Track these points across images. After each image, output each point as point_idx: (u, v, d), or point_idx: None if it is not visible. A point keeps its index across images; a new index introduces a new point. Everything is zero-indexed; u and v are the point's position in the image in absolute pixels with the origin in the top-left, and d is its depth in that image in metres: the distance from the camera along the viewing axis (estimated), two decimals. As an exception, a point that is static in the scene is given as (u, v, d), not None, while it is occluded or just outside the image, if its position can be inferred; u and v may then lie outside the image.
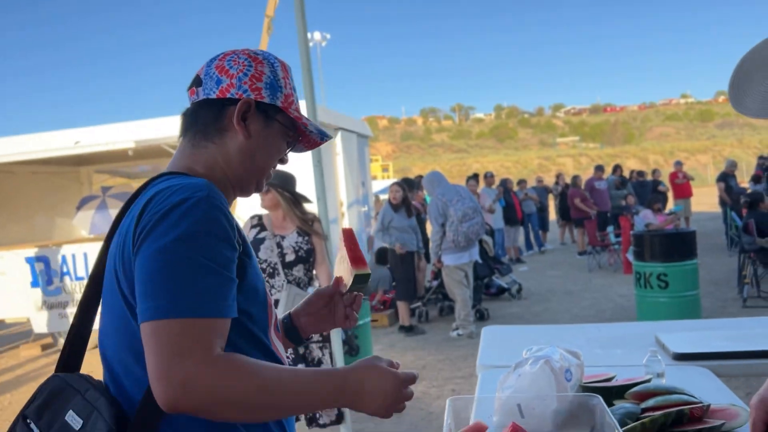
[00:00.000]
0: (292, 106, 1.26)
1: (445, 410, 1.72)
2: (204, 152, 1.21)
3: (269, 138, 1.24)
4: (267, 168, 1.27)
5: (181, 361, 0.94)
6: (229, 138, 1.21)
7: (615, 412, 1.74)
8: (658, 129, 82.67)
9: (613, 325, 3.31)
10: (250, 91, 1.20)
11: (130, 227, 1.06)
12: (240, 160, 1.22)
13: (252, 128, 1.21)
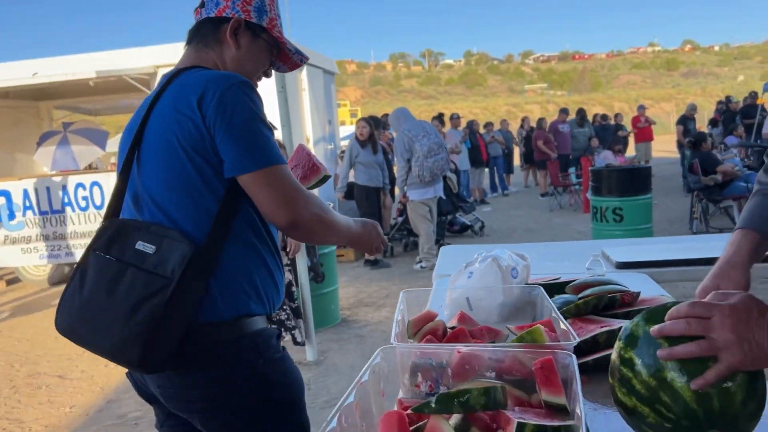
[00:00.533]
0: (276, 28, 1.54)
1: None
2: (205, 56, 1.52)
3: (255, 51, 1.54)
4: (253, 75, 1.56)
5: (294, 192, 1.38)
6: (224, 48, 1.52)
7: (555, 302, 1.89)
8: (625, 77, 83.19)
9: (564, 243, 3.49)
10: (242, 12, 1.49)
11: (193, 105, 1.36)
12: (232, 67, 1.52)
13: (242, 41, 1.51)
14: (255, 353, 1.44)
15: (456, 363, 1.38)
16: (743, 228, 1.23)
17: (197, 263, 1.34)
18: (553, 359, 1.28)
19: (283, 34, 1.56)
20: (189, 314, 1.35)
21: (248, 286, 1.44)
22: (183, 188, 1.38)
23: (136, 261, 1.34)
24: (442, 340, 1.67)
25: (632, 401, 0.98)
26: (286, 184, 1.38)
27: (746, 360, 0.85)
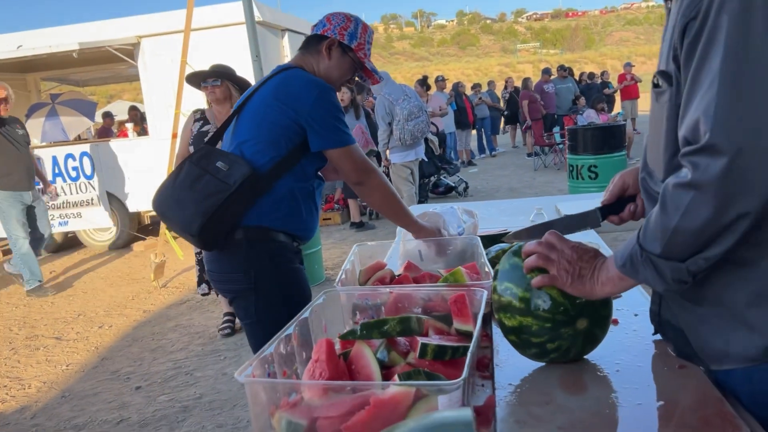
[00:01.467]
0: (362, 51, 2.11)
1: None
2: (307, 61, 2.10)
3: (342, 65, 2.10)
4: (337, 82, 2.12)
5: (365, 162, 2.06)
6: (320, 58, 2.09)
7: (491, 251, 2.10)
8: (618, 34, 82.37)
9: (523, 200, 3.68)
10: (338, 34, 2.07)
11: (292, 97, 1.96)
12: (323, 73, 2.08)
13: (333, 56, 2.08)
14: (272, 257, 2.01)
15: (390, 302, 1.59)
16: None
17: (253, 183, 1.93)
18: (466, 295, 1.48)
19: (367, 56, 2.12)
20: (237, 215, 1.95)
21: (286, 211, 2.01)
22: (265, 141, 1.99)
23: (213, 171, 1.96)
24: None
25: (516, 319, 1.22)
26: (357, 156, 2.02)
27: (567, 286, 1.14)
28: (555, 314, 1.17)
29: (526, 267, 1.20)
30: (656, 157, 1.10)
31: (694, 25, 0.92)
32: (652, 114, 1.13)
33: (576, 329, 1.18)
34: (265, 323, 2.01)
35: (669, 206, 0.95)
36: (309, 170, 2.07)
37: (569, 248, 1.16)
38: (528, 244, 1.23)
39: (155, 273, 5.74)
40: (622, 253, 1.07)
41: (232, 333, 4.24)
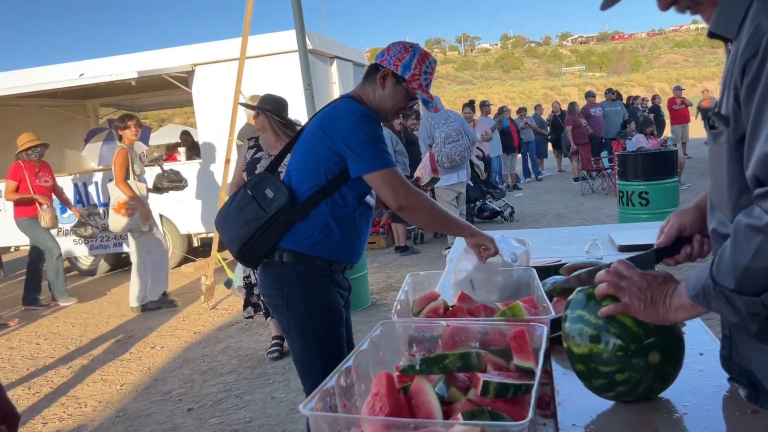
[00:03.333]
0: (416, 81, 2.14)
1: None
2: (365, 90, 2.18)
3: (395, 94, 2.15)
4: (390, 111, 2.18)
5: (403, 187, 2.06)
6: (376, 87, 2.16)
7: (547, 283, 2.07)
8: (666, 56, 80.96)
9: (575, 228, 3.63)
10: (392, 65, 2.13)
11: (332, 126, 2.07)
12: (377, 102, 2.16)
13: (387, 85, 2.15)
14: (301, 278, 2.12)
15: (446, 335, 1.59)
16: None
17: (289, 210, 2.08)
18: (526, 330, 1.48)
19: (423, 87, 2.16)
20: (274, 238, 2.11)
21: (320, 236, 2.10)
22: (307, 170, 2.10)
23: (259, 198, 2.12)
24: (443, 317, 1.88)
25: (586, 347, 1.21)
26: (394, 180, 2.05)
27: (640, 313, 1.14)
28: (628, 343, 1.15)
29: (597, 294, 1.21)
30: (721, 199, 1.09)
31: (754, 63, 0.92)
32: (711, 156, 1.12)
33: (648, 362, 1.16)
34: (296, 338, 2.18)
35: (741, 245, 0.94)
36: (349, 197, 2.12)
37: (638, 275, 1.17)
38: (598, 274, 1.23)
39: (206, 294, 5.86)
40: (694, 282, 1.06)
41: (281, 356, 4.28)
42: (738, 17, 1.00)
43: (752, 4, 0.98)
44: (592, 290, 1.25)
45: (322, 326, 2.16)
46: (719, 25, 1.05)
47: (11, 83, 7.82)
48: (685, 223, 1.32)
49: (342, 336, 2.19)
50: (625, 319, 1.16)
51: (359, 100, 2.18)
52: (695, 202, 1.35)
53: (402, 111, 2.24)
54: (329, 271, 2.16)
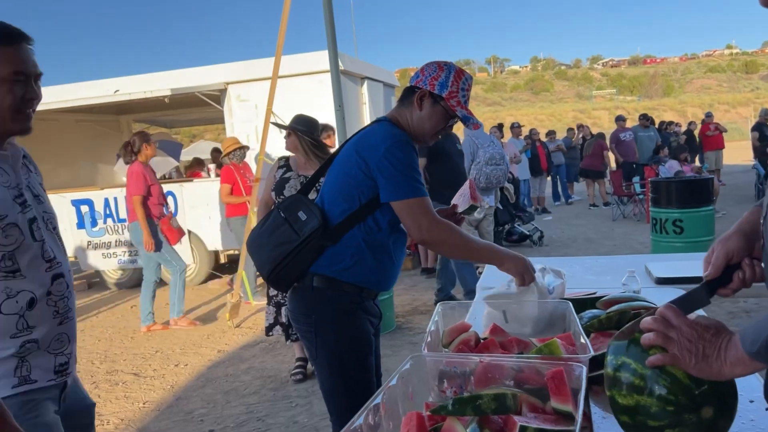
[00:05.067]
0: (454, 98, 2.08)
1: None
2: (402, 113, 2.14)
3: (433, 114, 2.10)
4: (430, 132, 2.12)
5: (428, 219, 1.99)
6: (413, 109, 2.11)
7: (584, 317, 1.99)
8: (699, 81, 79.96)
9: (610, 258, 3.53)
10: (428, 85, 2.08)
11: (366, 150, 2.02)
12: (415, 124, 2.12)
13: (424, 106, 2.09)
14: (330, 304, 2.07)
15: (479, 372, 1.52)
16: (755, 205, 1.33)
17: (321, 235, 2.03)
18: (564, 370, 1.40)
19: (461, 103, 2.09)
20: (306, 262, 2.06)
21: (352, 262, 2.05)
22: (341, 193, 2.06)
23: (292, 221, 2.07)
24: (474, 350, 1.81)
25: (633, 399, 1.14)
26: (420, 211, 1.99)
27: (690, 364, 1.05)
28: (678, 396, 1.07)
29: (643, 344, 1.13)
30: None
31: None
32: None
33: (700, 417, 1.07)
34: (323, 365, 2.11)
35: None
36: (383, 223, 2.07)
37: (688, 325, 1.09)
38: (645, 320, 1.15)
39: (231, 312, 5.84)
40: (753, 336, 0.98)
41: (304, 379, 4.23)
42: None
43: None
44: (639, 335, 1.17)
45: (351, 355, 2.09)
46: None
47: (50, 98, 7.98)
48: (731, 250, 1.24)
49: (371, 365, 2.13)
50: (676, 370, 1.08)
51: (396, 124, 2.13)
52: (736, 227, 1.29)
53: (441, 132, 2.18)
54: (359, 297, 2.10)
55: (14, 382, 1.59)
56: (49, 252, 1.68)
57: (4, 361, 1.58)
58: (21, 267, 1.59)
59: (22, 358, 1.60)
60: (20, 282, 1.59)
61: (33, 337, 1.61)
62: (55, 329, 1.67)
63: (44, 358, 1.64)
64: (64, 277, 1.72)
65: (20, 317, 1.59)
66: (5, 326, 1.57)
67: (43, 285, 1.64)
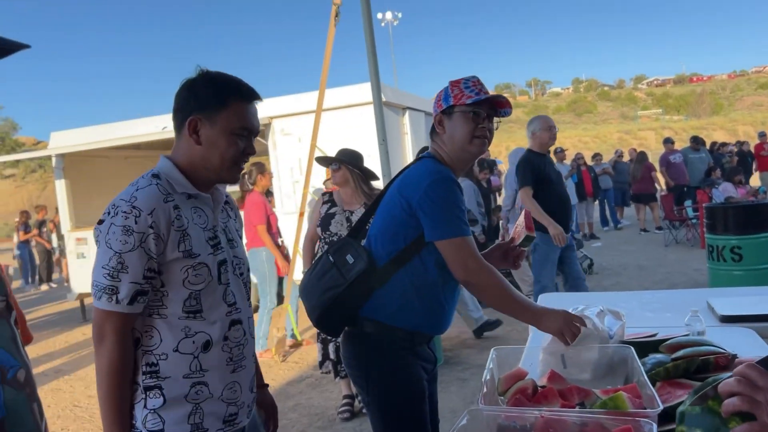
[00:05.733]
0: (462, 98, 2.01)
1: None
2: (436, 144, 2.11)
3: (456, 125, 2.04)
4: (465, 142, 2.03)
5: (473, 260, 1.94)
6: (442, 135, 2.09)
7: (647, 362, 1.89)
8: (750, 98, 77.79)
9: (668, 292, 3.38)
10: (437, 108, 2.08)
11: (409, 191, 1.99)
12: (450, 146, 2.07)
13: (445, 125, 2.06)
14: (380, 350, 2.01)
15: (540, 427, 1.44)
16: None
17: (368, 278, 1.99)
18: (633, 427, 1.31)
19: (470, 96, 2.00)
20: (355, 307, 2.01)
21: (400, 305, 1.99)
22: (386, 234, 2.03)
23: (340, 264, 2.03)
24: (532, 399, 1.73)
25: None
26: (464, 251, 1.94)
27: None
28: None
29: (725, 411, 1.02)
30: None
31: None
32: None
33: None
34: (375, 413, 2.06)
35: None
36: (429, 263, 2.00)
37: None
38: (725, 383, 1.03)
39: (276, 347, 5.83)
40: None
41: (352, 417, 4.16)
42: None
43: None
44: (713, 404, 1.07)
45: (404, 405, 2.02)
46: None
47: (100, 136, 8.24)
48: None
49: (424, 414, 2.05)
50: None
51: (438, 157, 2.09)
52: None
53: (478, 135, 2.05)
54: (411, 343, 2.03)
55: (187, 429, 1.58)
56: (231, 296, 1.68)
57: (178, 405, 1.57)
58: (203, 308, 1.60)
59: (197, 404, 1.59)
60: (200, 323, 1.60)
61: (204, 380, 1.60)
62: (227, 377, 1.65)
63: (217, 405, 1.63)
64: (242, 324, 1.71)
65: (194, 358, 1.59)
66: (179, 365, 1.57)
67: (221, 329, 1.63)
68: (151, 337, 1.57)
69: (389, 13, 38.21)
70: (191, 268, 1.58)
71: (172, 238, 1.56)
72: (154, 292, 1.56)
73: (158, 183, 1.60)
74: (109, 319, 1.52)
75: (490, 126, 2.07)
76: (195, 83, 1.66)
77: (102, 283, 1.52)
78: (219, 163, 1.63)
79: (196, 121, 1.62)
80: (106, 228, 1.53)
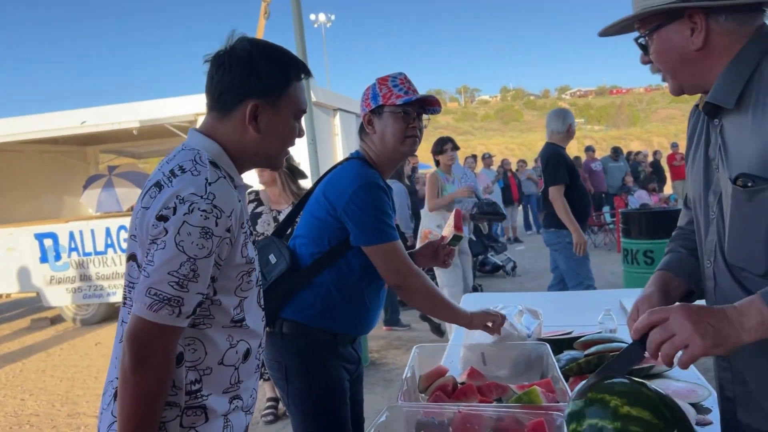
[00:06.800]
0: (391, 97, 2.00)
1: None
2: (367, 144, 2.08)
3: (386, 124, 2.02)
4: (397, 142, 2.02)
5: (403, 265, 1.95)
6: (370, 135, 2.06)
7: (561, 359, 1.96)
8: (664, 111, 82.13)
9: (584, 293, 3.52)
10: (366, 107, 2.06)
11: (333, 195, 1.96)
12: (380, 145, 2.04)
13: (375, 125, 2.04)
14: (302, 352, 1.98)
15: (458, 422, 1.46)
16: (658, 270, 1.45)
17: (289, 278, 1.97)
18: (545, 420, 1.35)
19: (399, 95, 1.99)
20: (276, 308, 1.97)
21: (323, 306, 1.97)
22: (311, 236, 2.01)
23: (262, 264, 1.98)
24: (452, 396, 1.75)
25: None
26: (393, 257, 1.95)
27: (708, 343, 1.04)
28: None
29: (650, 349, 1.11)
30: (750, 255, 1.14)
31: None
32: (739, 215, 1.14)
33: None
34: (296, 414, 2.04)
35: None
36: (355, 266, 1.98)
37: (681, 311, 1.07)
38: (638, 321, 1.16)
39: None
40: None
41: (276, 420, 4.10)
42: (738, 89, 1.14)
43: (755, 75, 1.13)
44: (592, 395, 1.18)
45: (324, 406, 1.99)
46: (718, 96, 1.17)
47: (14, 129, 7.81)
48: (655, 306, 1.29)
49: (345, 415, 2.04)
50: (641, 411, 1.11)
51: (366, 158, 2.07)
52: (656, 286, 1.39)
53: (409, 135, 2.03)
54: (334, 344, 2.01)
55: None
56: (262, 299, 1.54)
57: (215, 421, 1.38)
58: (246, 315, 1.43)
59: (226, 416, 1.41)
60: (241, 331, 1.42)
61: (239, 394, 1.44)
62: (253, 384, 1.50)
63: (243, 418, 1.47)
64: (266, 327, 1.59)
65: (235, 370, 1.42)
66: (221, 380, 1.39)
67: (258, 336, 1.48)
68: (195, 351, 1.35)
69: (322, 14, 38.07)
70: (246, 274, 1.41)
71: (239, 242, 1.37)
72: (204, 300, 1.34)
73: (224, 176, 1.36)
74: (163, 334, 1.26)
75: (420, 125, 2.07)
76: (254, 59, 1.39)
77: (165, 292, 1.24)
78: (278, 152, 1.46)
79: (258, 106, 1.39)
80: (175, 226, 1.25)
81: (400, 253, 1.96)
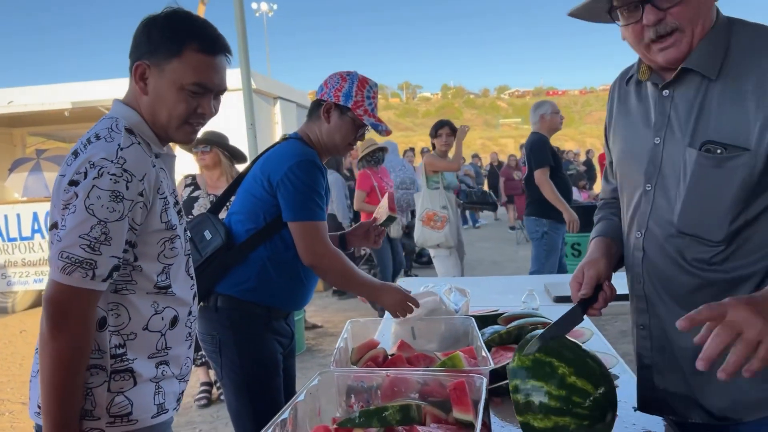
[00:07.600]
0: (360, 108, 2.07)
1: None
2: (312, 128, 2.13)
3: (342, 126, 2.09)
4: (342, 143, 2.11)
5: (320, 245, 1.99)
6: (321, 122, 2.10)
7: (486, 332, 2.07)
8: (598, 113, 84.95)
9: (512, 277, 3.68)
10: (333, 96, 2.08)
11: (270, 171, 2.00)
12: (325, 137, 2.11)
13: (332, 119, 2.09)
14: (234, 325, 2.03)
15: (385, 386, 1.54)
16: (596, 237, 1.49)
17: (224, 254, 2.01)
18: (466, 382, 1.45)
19: (369, 112, 2.08)
20: (211, 283, 2.01)
21: (257, 281, 2.01)
22: (246, 212, 2.05)
23: (197, 240, 2.06)
24: (382, 366, 1.84)
25: (551, 420, 1.17)
26: (312, 236, 1.98)
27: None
28: (592, 410, 1.14)
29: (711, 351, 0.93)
30: (708, 222, 1.16)
31: None
32: (703, 182, 1.16)
33: (605, 423, 1.16)
34: (229, 387, 2.08)
35: None
36: (290, 241, 2.02)
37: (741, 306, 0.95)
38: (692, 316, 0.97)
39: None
40: None
41: (209, 404, 4.10)
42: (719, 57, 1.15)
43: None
44: (540, 356, 1.20)
45: (256, 377, 2.05)
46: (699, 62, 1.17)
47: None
48: (600, 273, 1.36)
49: (278, 387, 2.09)
50: (585, 384, 1.15)
51: (306, 140, 2.12)
52: (601, 252, 1.42)
53: (353, 142, 2.16)
54: (267, 318, 2.06)
55: (153, 411, 1.43)
56: (191, 268, 1.54)
57: (146, 386, 1.41)
58: (172, 282, 1.45)
59: (158, 383, 1.44)
60: (168, 298, 1.45)
61: (167, 359, 1.46)
62: (185, 353, 1.52)
63: (174, 384, 1.49)
64: (197, 297, 1.60)
65: (162, 336, 1.45)
66: (146, 344, 1.42)
67: (186, 304, 1.50)
68: (118, 316, 1.38)
69: (264, 4, 37.52)
70: (168, 241, 1.43)
71: (156, 208, 1.39)
72: (124, 266, 1.36)
73: (139, 142, 1.38)
74: (79, 297, 1.27)
75: (362, 135, 2.18)
76: (153, 22, 1.41)
77: (77, 255, 1.25)
78: (166, 120, 1.43)
79: (144, 67, 1.40)
80: (85, 190, 1.28)
81: (320, 233, 1.99)
